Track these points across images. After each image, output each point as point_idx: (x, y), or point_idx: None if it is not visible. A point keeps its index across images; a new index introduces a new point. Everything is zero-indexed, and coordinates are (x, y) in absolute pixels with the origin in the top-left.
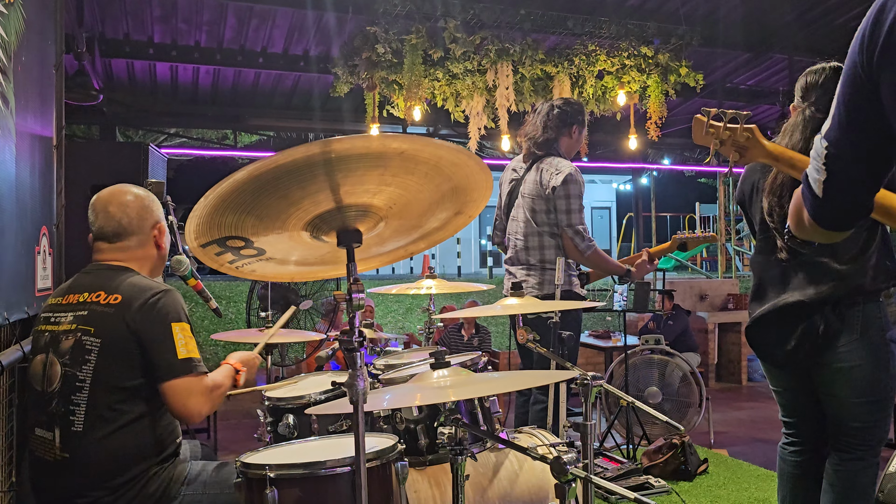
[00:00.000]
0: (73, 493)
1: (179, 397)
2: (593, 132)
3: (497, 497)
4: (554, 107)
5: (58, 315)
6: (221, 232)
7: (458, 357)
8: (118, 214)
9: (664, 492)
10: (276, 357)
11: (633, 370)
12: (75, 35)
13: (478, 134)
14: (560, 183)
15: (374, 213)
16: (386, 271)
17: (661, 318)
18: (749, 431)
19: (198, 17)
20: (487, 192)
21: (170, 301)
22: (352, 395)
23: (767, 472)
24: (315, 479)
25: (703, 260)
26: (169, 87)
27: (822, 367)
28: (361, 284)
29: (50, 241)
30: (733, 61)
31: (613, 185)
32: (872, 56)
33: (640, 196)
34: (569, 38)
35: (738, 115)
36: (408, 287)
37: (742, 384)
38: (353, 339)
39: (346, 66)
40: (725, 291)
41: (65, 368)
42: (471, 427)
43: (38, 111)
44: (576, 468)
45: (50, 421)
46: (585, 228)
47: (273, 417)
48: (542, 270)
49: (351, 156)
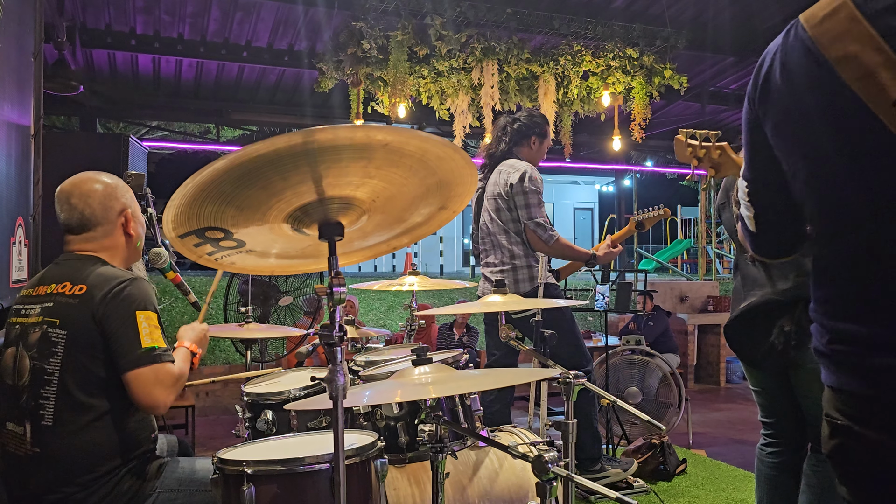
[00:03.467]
0: (44, 489)
1: (144, 387)
2: (577, 133)
3: (477, 495)
4: (514, 120)
5: (27, 307)
6: (200, 222)
7: (439, 354)
8: (80, 206)
9: (643, 492)
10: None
11: (614, 370)
12: (55, 24)
13: (463, 132)
14: (517, 180)
15: (356, 206)
16: (368, 269)
17: (642, 319)
18: (727, 432)
19: (181, 8)
20: (472, 186)
21: (135, 289)
22: (331, 390)
23: (745, 472)
24: (293, 475)
25: (684, 262)
26: (151, 79)
27: (797, 368)
28: (343, 278)
29: (26, 232)
30: (719, 64)
31: (596, 187)
32: (755, 101)
33: (623, 197)
34: (555, 38)
35: (710, 134)
36: (390, 283)
37: (720, 386)
38: (333, 334)
39: (331, 61)
40: (705, 293)
41: (33, 362)
42: (452, 424)
43: (15, 99)
44: (557, 467)
45: (21, 415)
46: (546, 220)
47: (252, 413)
48: (513, 269)
49: (334, 146)
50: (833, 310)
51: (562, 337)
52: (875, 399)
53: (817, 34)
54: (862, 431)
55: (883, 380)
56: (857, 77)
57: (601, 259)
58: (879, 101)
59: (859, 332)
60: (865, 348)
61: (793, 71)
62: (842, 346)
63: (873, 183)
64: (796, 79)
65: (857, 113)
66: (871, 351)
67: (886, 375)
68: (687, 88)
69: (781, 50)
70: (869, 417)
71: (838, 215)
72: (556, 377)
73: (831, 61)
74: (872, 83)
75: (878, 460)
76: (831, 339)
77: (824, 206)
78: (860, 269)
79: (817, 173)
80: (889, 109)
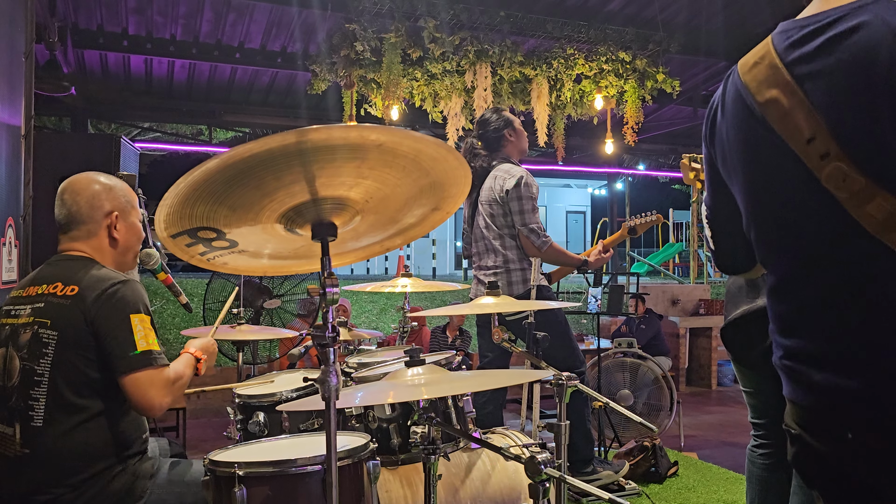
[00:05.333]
0: (34, 490)
1: (139, 391)
2: (570, 136)
3: (469, 497)
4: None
5: (17, 308)
6: (192, 222)
7: (432, 356)
8: (69, 202)
9: (634, 494)
10: (247, 355)
11: (606, 373)
12: (47, 24)
13: (456, 135)
14: (512, 186)
15: (350, 207)
16: (361, 271)
17: (634, 322)
18: (718, 435)
19: (174, 9)
20: (466, 188)
21: (129, 292)
22: (324, 391)
23: (736, 474)
24: (285, 477)
25: (676, 266)
26: (143, 80)
27: None
28: (336, 278)
29: (16, 233)
30: (712, 68)
31: (589, 190)
32: (706, 140)
33: (616, 201)
34: (548, 41)
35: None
36: (382, 285)
37: (712, 388)
38: (325, 335)
39: (324, 63)
40: (697, 297)
41: (23, 362)
42: (444, 426)
43: (5, 100)
44: (550, 468)
45: (10, 416)
46: (540, 226)
47: (243, 415)
48: (506, 272)
49: (328, 146)
50: (781, 326)
51: (555, 339)
52: (821, 412)
53: (747, 80)
54: (811, 441)
55: (826, 396)
56: (778, 118)
57: (592, 264)
58: (797, 139)
59: (803, 349)
60: (808, 365)
61: (729, 112)
62: (790, 361)
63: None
64: (731, 119)
65: (779, 150)
66: (812, 367)
67: (830, 392)
68: (679, 92)
69: (722, 94)
70: (816, 429)
71: (770, 241)
72: (549, 379)
73: (758, 104)
74: (790, 123)
75: (827, 468)
76: (783, 354)
77: (759, 233)
78: (795, 290)
79: (751, 203)
80: (804, 147)
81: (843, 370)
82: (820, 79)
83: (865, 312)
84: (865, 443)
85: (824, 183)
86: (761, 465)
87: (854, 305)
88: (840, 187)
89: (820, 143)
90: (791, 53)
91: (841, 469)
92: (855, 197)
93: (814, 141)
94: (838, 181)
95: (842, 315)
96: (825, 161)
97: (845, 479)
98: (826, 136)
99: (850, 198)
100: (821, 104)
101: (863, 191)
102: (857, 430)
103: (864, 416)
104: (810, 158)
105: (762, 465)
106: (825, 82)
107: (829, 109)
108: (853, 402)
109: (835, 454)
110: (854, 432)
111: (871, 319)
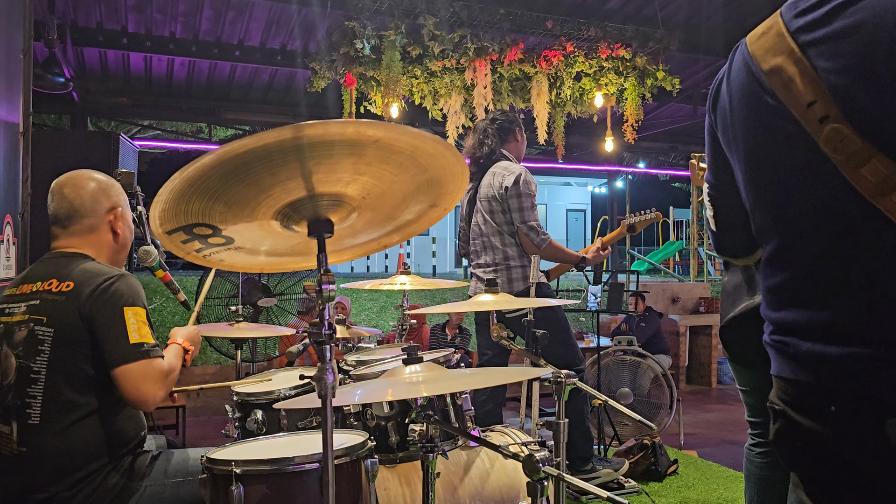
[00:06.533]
0: (31, 488)
1: (132, 383)
2: (570, 134)
3: (468, 495)
4: (493, 121)
5: (12, 306)
6: (188, 219)
7: (430, 353)
8: (71, 196)
9: (634, 492)
10: (245, 353)
11: (606, 371)
12: (45, 22)
13: (456, 133)
14: (511, 183)
15: (347, 203)
16: (360, 269)
17: (634, 320)
18: (718, 433)
19: (173, 7)
20: (463, 184)
21: (123, 285)
22: (320, 389)
23: (736, 473)
24: (282, 475)
25: (676, 264)
26: (143, 78)
27: None
28: (332, 275)
29: (14, 230)
30: (712, 66)
31: (589, 188)
32: (709, 110)
33: (615, 199)
34: (548, 38)
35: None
36: (382, 283)
37: (712, 387)
38: (322, 332)
39: (323, 61)
40: (697, 295)
41: (19, 360)
42: (443, 424)
43: (4, 97)
44: (548, 466)
45: (6, 415)
46: (538, 223)
47: (241, 413)
48: (506, 269)
49: (324, 142)
50: (772, 299)
51: (554, 336)
52: (806, 385)
53: (754, 49)
54: (795, 417)
55: (812, 367)
56: (781, 84)
57: (590, 262)
58: (798, 104)
59: (792, 321)
60: (800, 336)
61: (734, 81)
62: (780, 335)
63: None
64: (735, 88)
65: (780, 115)
66: (803, 338)
67: (815, 362)
68: (680, 90)
69: (729, 64)
70: (800, 403)
71: (769, 211)
72: (548, 377)
73: (763, 72)
74: (793, 88)
75: (809, 444)
76: (773, 329)
77: (756, 201)
78: (788, 259)
79: (750, 170)
80: (804, 111)
81: (830, 339)
82: (824, 44)
83: (855, 280)
84: (848, 417)
85: (822, 145)
86: (759, 463)
87: (844, 273)
88: (837, 149)
89: (820, 106)
90: (797, 22)
91: (822, 446)
92: (851, 159)
93: (814, 105)
94: (836, 142)
95: (831, 283)
96: (824, 123)
97: (828, 456)
98: (827, 99)
99: (847, 160)
100: (824, 69)
101: (859, 152)
102: (840, 402)
103: (848, 387)
104: (809, 122)
105: (760, 464)
106: (829, 47)
107: (832, 74)
108: (838, 373)
109: (817, 429)
110: (838, 405)
111: (861, 287)
